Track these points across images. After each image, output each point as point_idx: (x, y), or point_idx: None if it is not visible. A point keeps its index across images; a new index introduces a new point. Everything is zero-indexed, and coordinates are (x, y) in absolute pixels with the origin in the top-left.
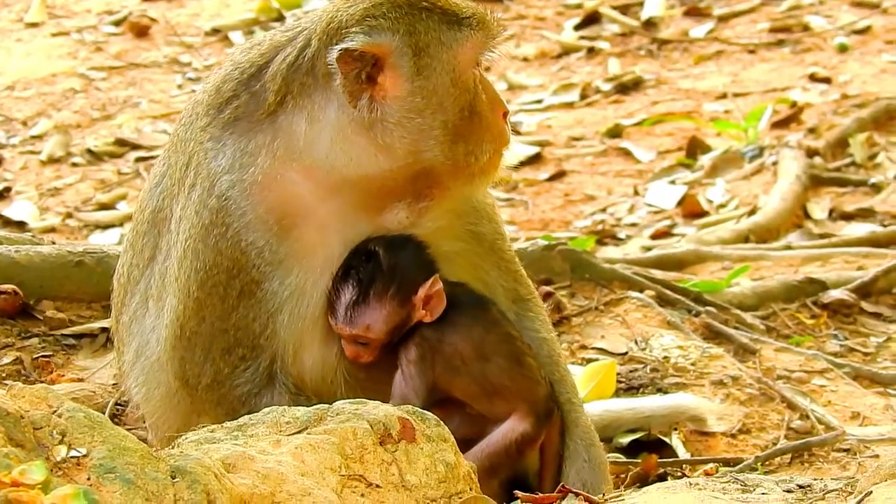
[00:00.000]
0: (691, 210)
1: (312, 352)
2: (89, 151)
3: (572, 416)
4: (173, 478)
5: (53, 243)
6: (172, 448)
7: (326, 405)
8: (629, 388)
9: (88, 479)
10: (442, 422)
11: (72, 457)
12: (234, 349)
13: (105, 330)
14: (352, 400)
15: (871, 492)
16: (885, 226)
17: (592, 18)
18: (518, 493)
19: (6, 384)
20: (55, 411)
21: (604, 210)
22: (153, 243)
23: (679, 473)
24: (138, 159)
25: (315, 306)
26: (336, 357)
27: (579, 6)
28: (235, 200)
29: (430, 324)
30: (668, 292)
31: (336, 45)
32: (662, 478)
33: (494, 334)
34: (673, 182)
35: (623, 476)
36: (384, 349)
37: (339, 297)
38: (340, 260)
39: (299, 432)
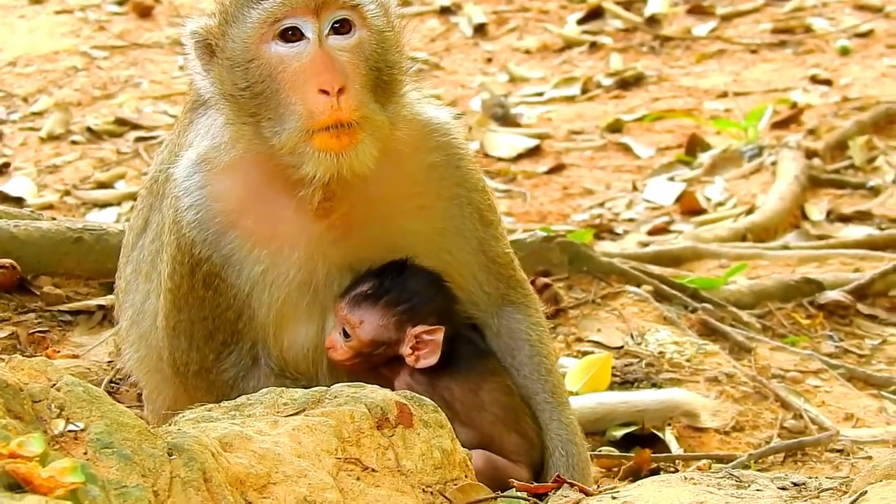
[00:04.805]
0: (689, 207)
1: (294, 332)
2: (89, 130)
3: (547, 414)
4: (170, 455)
5: (53, 219)
6: (170, 425)
7: (324, 387)
8: (624, 382)
9: (86, 453)
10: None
11: (69, 431)
12: (214, 335)
13: (102, 307)
14: (350, 383)
15: (867, 491)
16: (882, 229)
17: (595, 13)
18: (513, 481)
19: (3, 358)
20: (54, 385)
21: (602, 204)
22: (146, 214)
23: (672, 468)
24: (138, 139)
25: (289, 288)
26: (318, 335)
27: (583, 1)
28: (184, 199)
29: (423, 372)
30: (665, 288)
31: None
32: (655, 472)
33: (491, 383)
34: (672, 179)
35: (616, 469)
36: (358, 358)
37: (359, 283)
38: (306, 240)
39: (297, 414)
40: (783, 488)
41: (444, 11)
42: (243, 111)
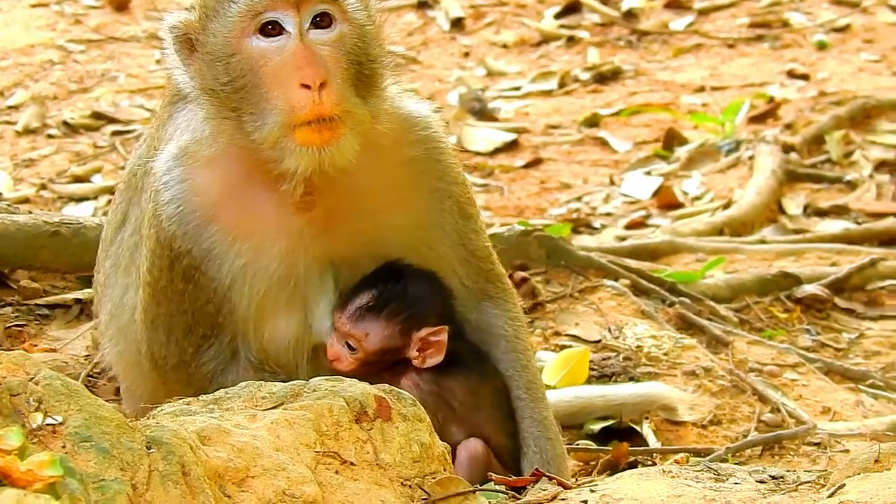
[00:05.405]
0: (666, 201)
1: (274, 325)
2: (65, 124)
3: (521, 411)
4: (149, 448)
5: (30, 213)
6: (148, 419)
7: (303, 381)
8: (601, 376)
9: (64, 447)
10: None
11: (48, 424)
12: (194, 328)
13: (79, 301)
14: (329, 377)
15: (845, 484)
16: (858, 223)
17: (573, 7)
18: (492, 474)
19: None
20: (32, 378)
21: (579, 199)
22: (124, 208)
23: (650, 462)
24: (114, 133)
25: (270, 282)
26: (299, 328)
27: None
28: (164, 192)
29: (427, 371)
30: (642, 282)
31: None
32: (633, 466)
33: (489, 386)
34: (649, 173)
35: (593, 463)
36: (363, 368)
37: (356, 296)
38: (287, 234)
39: (275, 407)
40: (761, 481)
41: (422, 5)
42: (224, 106)
